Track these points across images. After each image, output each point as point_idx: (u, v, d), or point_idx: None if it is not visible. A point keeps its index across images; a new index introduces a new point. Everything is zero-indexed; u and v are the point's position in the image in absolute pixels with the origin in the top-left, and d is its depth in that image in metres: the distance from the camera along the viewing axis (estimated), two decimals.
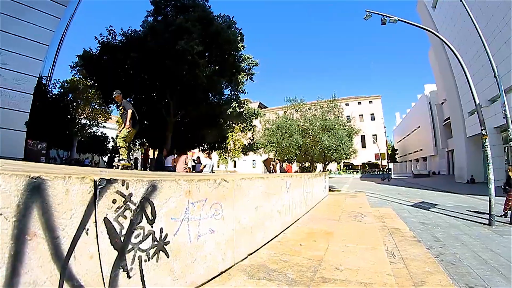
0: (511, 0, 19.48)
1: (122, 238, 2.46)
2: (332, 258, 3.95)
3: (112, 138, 42.73)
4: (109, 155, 37.99)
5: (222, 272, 3.80)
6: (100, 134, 42.73)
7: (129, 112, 7.60)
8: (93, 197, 2.26)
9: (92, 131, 39.94)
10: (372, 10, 12.98)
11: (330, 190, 19.58)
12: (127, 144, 8.18)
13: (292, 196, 6.21)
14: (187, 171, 12.91)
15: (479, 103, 10.39)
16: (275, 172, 20.82)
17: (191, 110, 22.39)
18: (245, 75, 25.05)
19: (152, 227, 2.77)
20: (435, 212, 12.28)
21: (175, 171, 12.52)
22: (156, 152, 26.73)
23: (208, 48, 20.38)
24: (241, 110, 26.52)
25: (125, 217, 2.51)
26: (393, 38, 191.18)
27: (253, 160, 61.66)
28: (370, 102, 68.25)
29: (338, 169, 59.70)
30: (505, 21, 20.65)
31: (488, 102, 24.03)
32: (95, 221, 2.26)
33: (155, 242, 2.79)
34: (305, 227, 6.03)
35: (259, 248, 4.93)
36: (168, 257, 2.93)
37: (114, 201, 2.43)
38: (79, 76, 24.91)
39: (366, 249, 4.65)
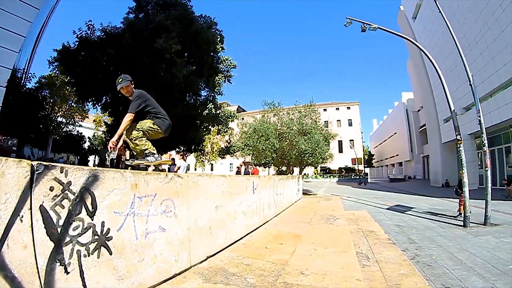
0: (488, 15, 20.49)
1: (59, 229, 2.32)
2: (298, 262, 3.65)
3: (88, 137, 41.40)
4: (81, 154, 36.59)
5: (176, 275, 3.57)
6: (76, 133, 41.13)
7: (126, 118, 4.52)
8: (29, 183, 2.14)
9: (68, 129, 38.63)
10: (353, 18, 13.12)
11: (306, 194, 19.46)
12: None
13: (259, 197, 5.89)
14: None
15: (454, 110, 10.76)
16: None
17: (168, 110, 21.50)
18: (223, 77, 24.79)
19: (92, 219, 2.60)
20: (411, 215, 12.42)
21: None
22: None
23: (187, 48, 20.07)
24: (218, 112, 26.25)
25: (63, 207, 2.37)
26: (374, 47, 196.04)
27: (230, 164, 61.62)
28: (348, 108, 69.43)
29: (315, 173, 60.05)
30: (482, 33, 21.73)
31: (463, 110, 25.06)
32: (30, 208, 2.13)
33: (96, 237, 2.61)
34: (273, 230, 5.71)
35: (220, 251, 4.70)
36: (111, 254, 2.72)
37: (51, 189, 2.29)
38: (57, 71, 23.85)
39: (336, 252, 4.38)
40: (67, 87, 29.44)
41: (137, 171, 3.29)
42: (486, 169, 10.55)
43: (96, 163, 39.22)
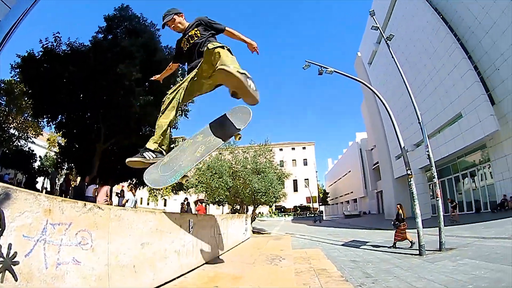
0: (436, 60, 22.68)
1: None
2: None
3: (40, 157, 38.04)
4: (27, 176, 33.10)
5: None
6: (28, 149, 36.34)
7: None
8: None
9: (19, 144, 34.79)
10: (311, 61, 13.52)
11: (259, 233, 19.08)
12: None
13: (196, 237, 5.27)
14: (107, 204, 11.85)
15: (404, 147, 11.39)
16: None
17: (122, 139, 21.07)
18: (180, 111, 24.07)
19: None
20: (366, 249, 12.43)
21: (95, 201, 11.30)
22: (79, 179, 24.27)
23: (148, 77, 19.81)
24: (172, 146, 25.10)
25: None
26: (329, 91, 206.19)
27: (185, 199, 59.63)
28: (304, 148, 70.87)
29: (270, 212, 59.49)
30: (430, 76, 23.98)
31: (413, 147, 27.16)
32: None
33: (1, 259, 2.28)
34: (211, 271, 5.20)
35: None
36: (16, 280, 2.35)
37: None
38: (18, 79, 21.92)
39: None
40: (25, 98, 26.91)
41: (51, 196, 2.95)
42: (437, 199, 11.05)
43: (46, 186, 35.51)
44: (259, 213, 54.22)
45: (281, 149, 63.92)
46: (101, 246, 3.26)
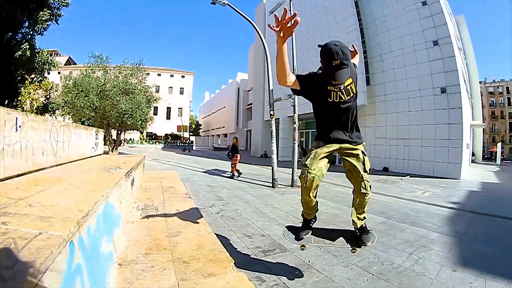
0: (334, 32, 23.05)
1: None
2: (37, 198, 2.79)
3: None
4: None
5: None
6: None
7: None
8: None
9: None
10: None
11: (121, 154, 18.16)
12: None
13: (27, 139, 4.51)
14: None
15: (272, 89, 12.32)
16: None
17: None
18: (50, 14, 19.98)
19: None
20: (225, 177, 12.81)
21: None
22: None
23: None
24: (32, 54, 21.05)
25: None
26: (224, 30, 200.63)
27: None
28: (183, 76, 68.61)
29: (140, 139, 57.72)
30: (321, 35, 24.57)
31: (287, 96, 27.35)
32: None
33: None
34: (41, 175, 4.53)
35: None
36: None
37: None
38: None
39: (86, 191, 3.56)
40: None
41: None
42: (294, 142, 12.39)
43: None
44: (130, 139, 52.18)
45: (159, 74, 61.18)
46: None
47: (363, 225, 3.24)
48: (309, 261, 4.04)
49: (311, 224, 3.41)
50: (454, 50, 16.52)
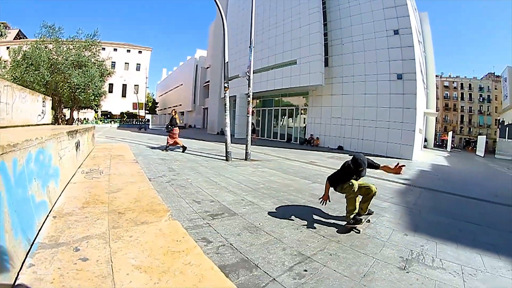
0: (296, 11, 22.84)
1: None
2: None
3: None
4: None
5: None
6: None
7: None
8: None
9: None
10: None
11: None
12: None
13: None
14: None
15: (227, 61, 11.89)
16: None
17: None
18: None
19: None
20: (179, 151, 12.50)
21: None
22: None
23: None
24: None
25: None
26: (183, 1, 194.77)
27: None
28: (140, 52, 65.42)
29: (95, 118, 54.97)
30: (284, 22, 24.22)
31: (245, 74, 27.19)
32: None
33: None
34: None
35: None
36: None
37: None
38: None
39: (21, 136, 3.37)
40: None
41: None
42: (248, 115, 12.11)
43: None
44: (84, 119, 49.58)
45: (115, 49, 57.78)
46: None
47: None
48: (259, 223, 3.94)
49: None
50: (414, 41, 17.00)
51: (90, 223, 2.98)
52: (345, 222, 4.13)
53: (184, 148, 12.36)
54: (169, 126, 12.42)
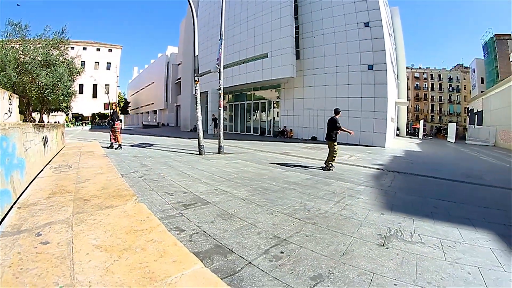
0: (268, 4, 22.70)
1: None
2: None
3: None
4: None
5: None
6: None
7: None
8: None
9: None
10: None
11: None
12: None
13: None
14: None
15: (198, 55, 11.89)
16: None
17: None
18: None
19: None
20: (152, 149, 12.36)
21: None
22: None
23: None
24: None
25: None
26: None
27: None
28: (110, 50, 63.55)
29: (66, 121, 53.04)
30: (255, 16, 23.98)
31: (216, 69, 27.01)
32: None
33: None
34: None
35: None
36: None
37: None
38: None
39: None
40: None
41: None
42: (220, 108, 11.77)
43: None
44: (55, 122, 47.90)
45: (84, 48, 55.90)
46: None
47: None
48: (234, 211, 3.84)
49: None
50: (384, 33, 17.36)
51: (55, 210, 2.98)
52: (324, 166, 7.96)
53: (120, 146, 11.60)
54: (110, 121, 11.50)
